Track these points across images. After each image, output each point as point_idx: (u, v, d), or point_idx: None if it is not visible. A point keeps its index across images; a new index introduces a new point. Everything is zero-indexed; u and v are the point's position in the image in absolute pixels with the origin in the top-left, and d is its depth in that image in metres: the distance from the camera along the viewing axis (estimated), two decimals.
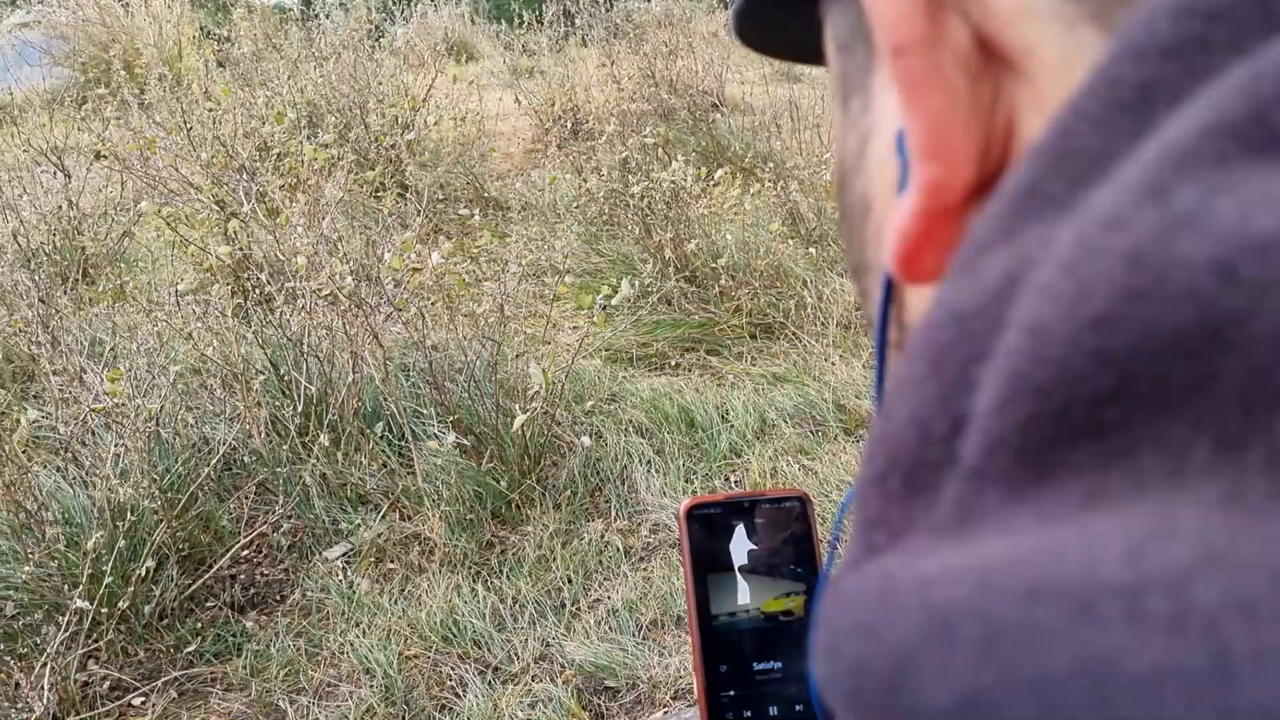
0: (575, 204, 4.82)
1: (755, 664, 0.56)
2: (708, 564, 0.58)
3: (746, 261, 4.01)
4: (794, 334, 3.77)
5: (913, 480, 0.18)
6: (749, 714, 0.56)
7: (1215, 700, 0.12)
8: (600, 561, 2.79)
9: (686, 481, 3.04)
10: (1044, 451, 0.16)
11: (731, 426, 3.25)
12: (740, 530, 0.59)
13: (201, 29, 7.75)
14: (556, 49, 7.39)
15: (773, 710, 0.56)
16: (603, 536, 2.86)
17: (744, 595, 0.58)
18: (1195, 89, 0.16)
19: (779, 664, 0.57)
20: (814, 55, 0.34)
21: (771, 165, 4.71)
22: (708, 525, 0.59)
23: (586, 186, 4.56)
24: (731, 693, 0.56)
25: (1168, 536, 0.14)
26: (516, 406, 2.94)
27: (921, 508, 0.18)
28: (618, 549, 2.81)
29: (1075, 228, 0.16)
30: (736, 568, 0.58)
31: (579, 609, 2.64)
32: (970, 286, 0.18)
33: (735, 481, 3.05)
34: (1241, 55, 0.16)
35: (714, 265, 3.91)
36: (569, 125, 6.04)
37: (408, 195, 4.82)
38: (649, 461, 3.12)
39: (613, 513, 2.95)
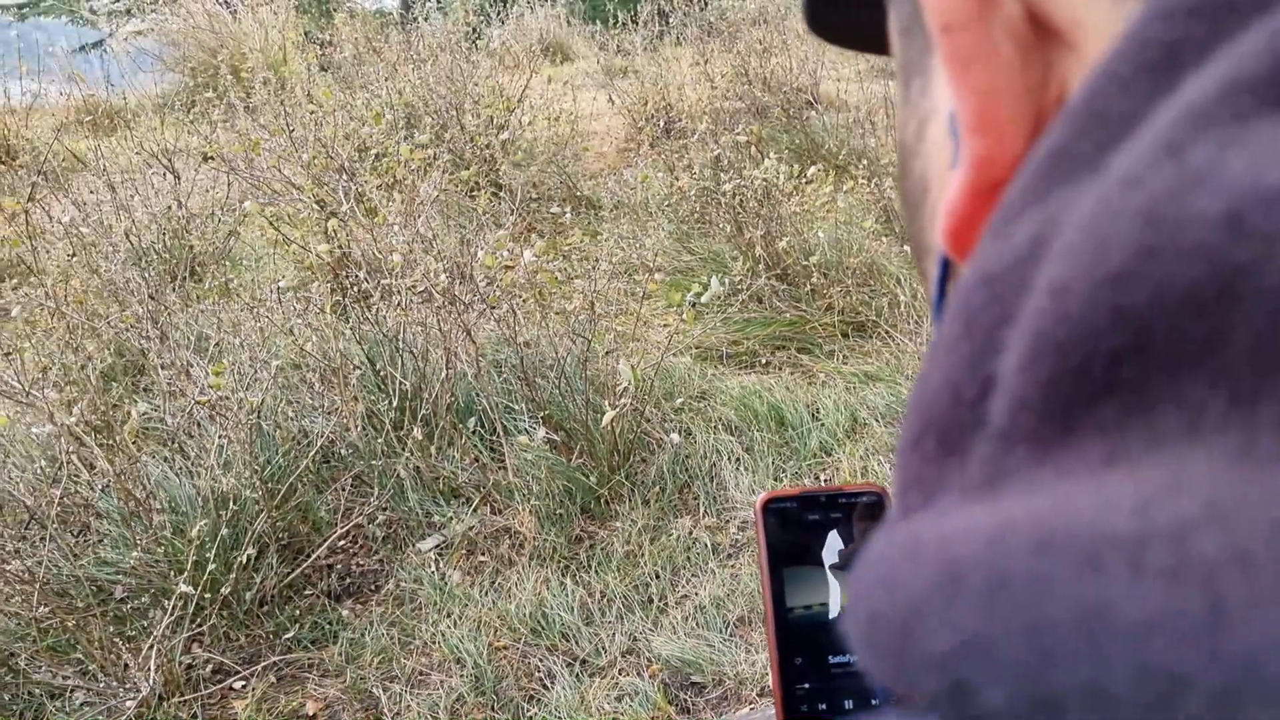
0: (667, 202, 4.83)
1: (830, 657, 0.56)
2: (784, 557, 0.58)
3: (839, 259, 3.97)
4: (887, 332, 3.72)
5: (946, 442, 0.19)
6: (824, 706, 0.56)
7: (1204, 646, 0.12)
8: (688, 558, 2.79)
9: (776, 479, 3.03)
10: (1066, 411, 0.16)
11: (822, 425, 3.22)
12: (817, 524, 0.59)
13: (305, 34, 7.94)
14: (651, 48, 7.40)
15: (848, 703, 0.56)
16: (691, 533, 2.86)
17: (831, 589, 0.58)
18: (1221, 47, 0.16)
19: (854, 657, 0.56)
20: (883, 44, 0.34)
21: (865, 162, 4.65)
22: (783, 519, 0.59)
23: (678, 184, 4.56)
24: (807, 685, 0.56)
25: (1177, 491, 0.14)
26: (606, 403, 2.95)
27: (954, 469, 0.18)
28: (706, 545, 2.81)
29: (1097, 188, 0.17)
30: (828, 565, 0.58)
31: (666, 604, 2.65)
32: (1001, 250, 0.18)
33: (825, 480, 3.03)
34: (1267, 13, 0.16)
35: (806, 263, 3.88)
36: (662, 124, 6.05)
37: (501, 194, 4.88)
38: (738, 459, 3.11)
39: (701, 509, 2.95)
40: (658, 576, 2.72)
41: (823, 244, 3.94)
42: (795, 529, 0.59)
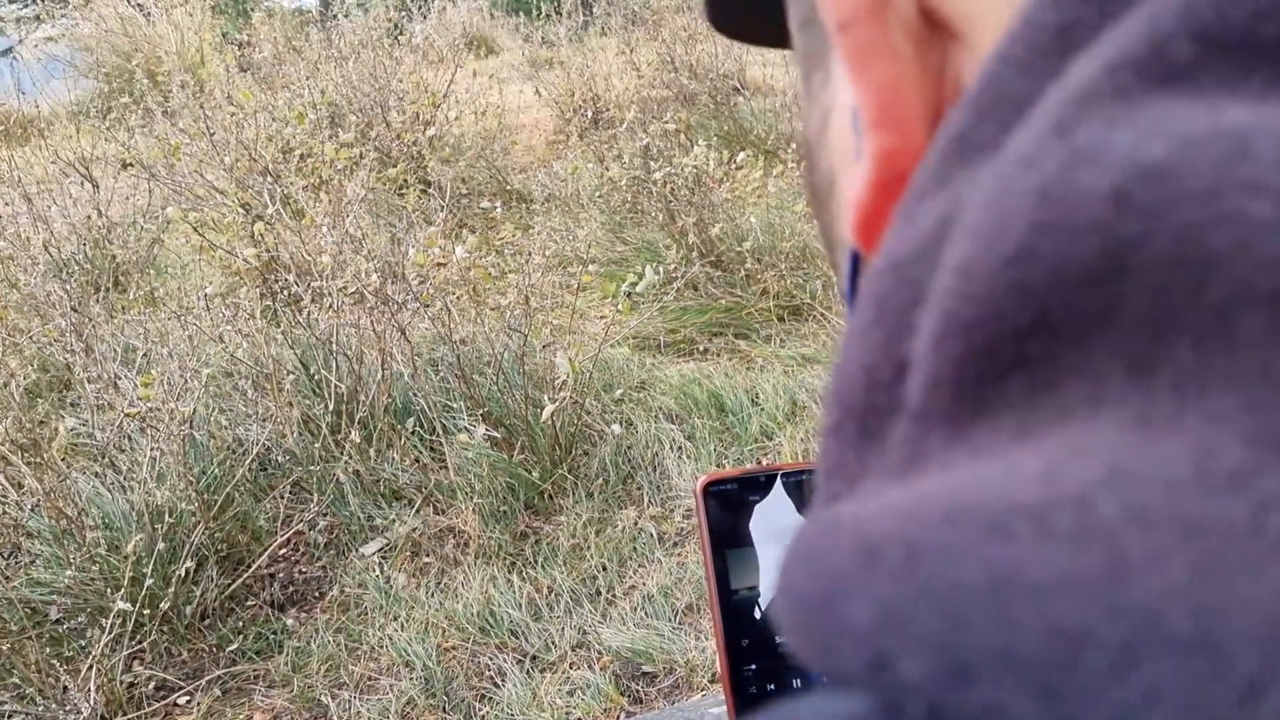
0: (598, 193, 4.81)
1: (777, 636, 0.56)
2: (726, 539, 0.58)
3: (772, 244, 3.99)
4: (822, 315, 3.75)
5: (864, 427, 0.19)
6: (772, 686, 0.55)
7: (1106, 603, 0.13)
8: (634, 548, 2.79)
9: (719, 466, 3.04)
10: (977, 388, 0.16)
11: (762, 409, 3.24)
12: (758, 505, 0.59)
13: (222, 35, 7.80)
14: (575, 39, 7.37)
15: (796, 681, 0.56)
16: (636, 523, 2.86)
17: (761, 563, 0.58)
18: (1108, 29, 0.17)
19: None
20: (781, 39, 0.35)
21: (794, 146, 4.68)
22: (724, 501, 0.59)
23: (609, 175, 4.55)
24: (754, 666, 0.56)
25: (1080, 458, 0.14)
26: (545, 397, 2.94)
27: (874, 453, 0.19)
28: (651, 535, 2.81)
29: (995, 169, 0.17)
30: (756, 537, 0.58)
31: (614, 596, 2.65)
32: (908, 234, 0.19)
33: (767, 463, 3.04)
34: None
35: (739, 249, 3.90)
36: (590, 115, 6.03)
37: (431, 191, 4.84)
38: (680, 447, 3.12)
39: (645, 500, 2.95)
40: (605, 569, 2.72)
41: (755, 229, 3.96)
42: (736, 510, 0.59)
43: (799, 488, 0.59)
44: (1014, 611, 0.13)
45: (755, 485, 0.60)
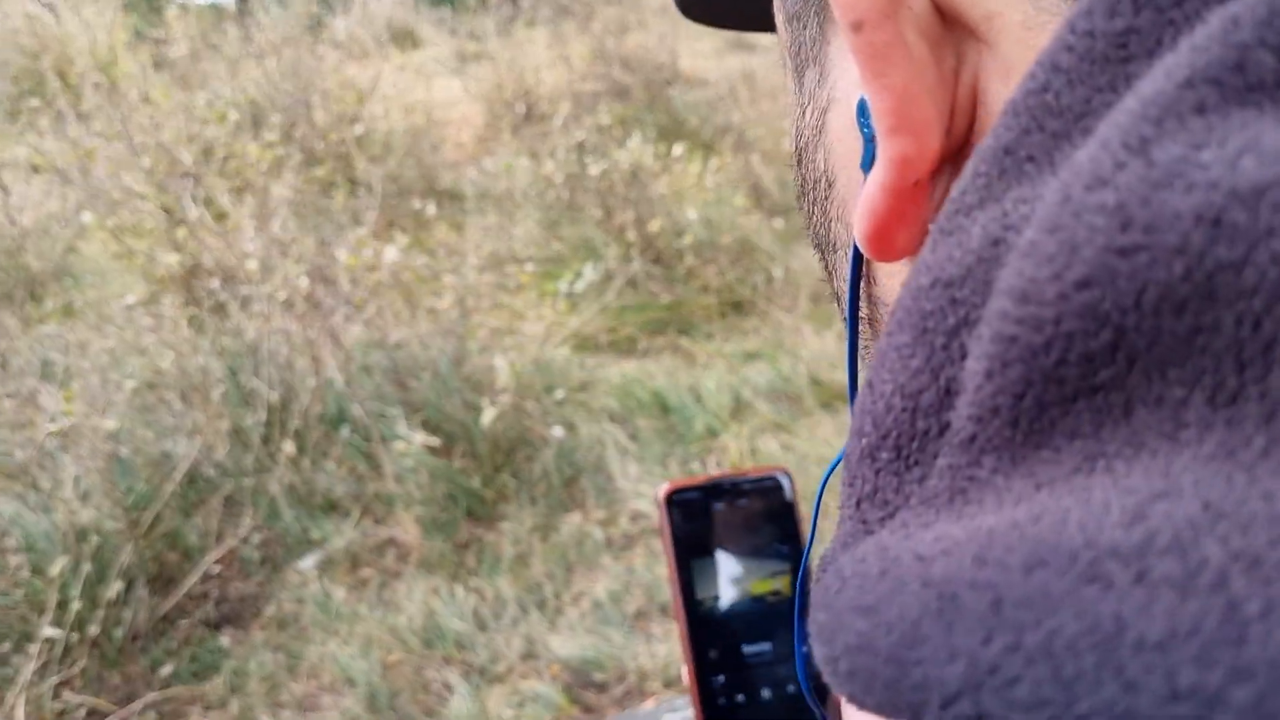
0: (532, 189, 4.74)
1: (745, 647, 0.55)
2: (691, 548, 0.57)
3: (712, 238, 3.97)
4: (764, 310, 3.73)
5: (903, 452, 0.18)
6: (741, 698, 0.55)
7: (1230, 660, 0.12)
8: (581, 554, 2.75)
9: (663, 467, 3.00)
10: (1038, 416, 0.16)
11: (706, 408, 3.21)
12: (722, 513, 0.58)
13: (135, 32, 7.57)
14: (504, 31, 7.28)
15: (765, 692, 0.55)
16: (581, 528, 2.82)
17: (721, 573, 0.57)
18: (1172, 38, 0.16)
19: (769, 645, 0.56)
20: (759, 22, 0.34)
21: (731, 138, 4.65)
22: (688, 509, 0.58)
23: (543, 172, 4.49)
24: (722, 678, 0.55)
25: (1169, 496, 0.13)
26: (485, 401, 2.88)
27: (914, 480, 0.18)
28: (598, 540, 2.77)
29: (1058, 187, 0.16)
30: (719, 551, 0.58)
31: (562, 604, 2.60)
32: (953, 251, 0.18)
33: (717, 463, 3.02)
34: (1218, 1, 0.16)
35: (679, 244, 3.86)
36: (521, 110, 5.95)
37: (359, 191, 4.73)
38: (624, 449, 3.08)
39: (590, 503, 2.91)
40: (551, 576, 2.68)
41: (694, 224, 3.93)
42: (700, 519, 0.58)
43: (763, 495, 0.59)
44: (1130, 671, 0.12)
45: (719, 492, 0.59)
